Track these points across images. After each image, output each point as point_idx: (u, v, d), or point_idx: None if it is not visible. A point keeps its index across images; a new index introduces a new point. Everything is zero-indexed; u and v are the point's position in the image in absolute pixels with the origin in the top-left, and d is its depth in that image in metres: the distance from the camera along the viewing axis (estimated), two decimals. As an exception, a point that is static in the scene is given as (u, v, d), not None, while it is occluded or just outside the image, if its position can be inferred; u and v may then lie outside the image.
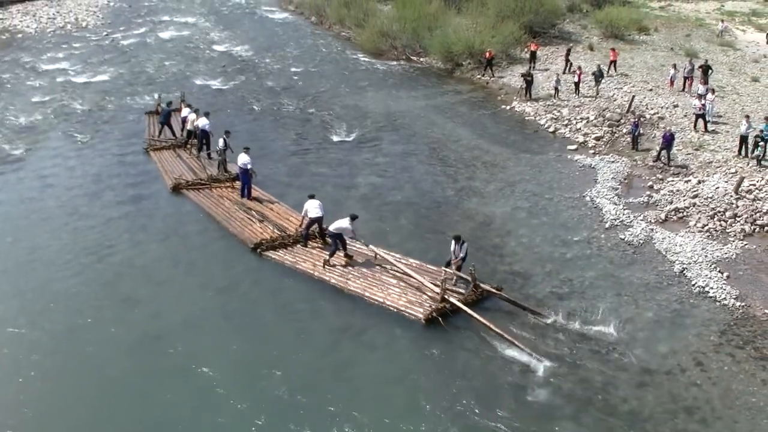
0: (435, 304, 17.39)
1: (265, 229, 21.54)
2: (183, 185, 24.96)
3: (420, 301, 17.65)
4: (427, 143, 30.23)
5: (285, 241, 20.77)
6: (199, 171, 26.30)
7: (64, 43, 51.62)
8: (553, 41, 46.50)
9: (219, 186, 25.09)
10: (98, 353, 16.07)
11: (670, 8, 57.91)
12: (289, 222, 21.96)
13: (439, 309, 17.16)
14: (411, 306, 17.47)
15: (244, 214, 22.62)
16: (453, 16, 48.28)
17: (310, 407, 14.25)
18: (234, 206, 23.29)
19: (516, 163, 27.74)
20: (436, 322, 16.93)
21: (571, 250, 20.72)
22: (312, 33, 57.46)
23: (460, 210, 23.52)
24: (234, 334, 16.74)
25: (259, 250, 20.34)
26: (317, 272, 19.18)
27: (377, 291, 18.24)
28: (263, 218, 22.30)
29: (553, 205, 23.81)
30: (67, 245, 21.09)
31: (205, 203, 23.69)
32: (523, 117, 33.65)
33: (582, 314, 17.43)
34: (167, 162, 27.38)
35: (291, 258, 19.98)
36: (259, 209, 23.08)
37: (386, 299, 17.85)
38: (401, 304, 17.58)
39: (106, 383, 15.09)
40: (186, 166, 26.98)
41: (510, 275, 19.33)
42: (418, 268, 19.05)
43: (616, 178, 25.71)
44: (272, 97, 37.54)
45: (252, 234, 21.20)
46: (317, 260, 19.66)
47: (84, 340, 16.56)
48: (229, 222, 22.17)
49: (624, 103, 32.90)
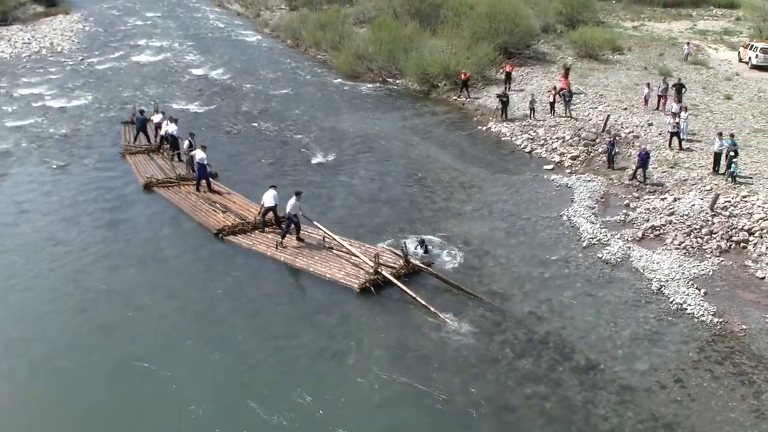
0: (369, 276, 19.69)
1: (228, 218, 24.16)
2: (154, 183, 27.39)
3: (357, 274, 20.03)
4: (405, 164, 30.35)
5: (244, 227, 23.40)
6: (169, 171, 28.63)
7: (39, 68, 51.35)
8: (528, 62, 46.96)
9: (187, 183, 27.39)
10: (76, 381, 15.89)
11: (643, 28, 58.87)
12: (249, 212, 24.63)
13: (372, 280, 19.51)
14: (348, 278, 19.92)
15: (209, 206, 25.22)
16: (428, 38, 48.71)
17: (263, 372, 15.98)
18: (200, 200, 25.84)
19: (493, 183, 27.91)
20: (369, 291, 19.26)
21: (549, 270, 20.82)
22: (288, 56, 57.67)
23: (438, 231, 23.55)
24: (194, 306, 19.00)
25: (221, 235, 22.90)
26: (270, 251, 21.77)
27: (321, 266, 20.75)
28: (226, 209, 24.96)
29: (530, 225, 23.94)
30: (43, 271, 20.86)
31: (174, 198, 26.22)
32: (500, 137, 33.90)
33: (560, 333, 17.52)
34: (140, 164, 29.74)
35: (248, 241, 22.63)
36: (222, 202, 25.73)
37: (327, 272, 20.34)
38: (340, 277, 20.03)
39: (84, 412, 14.88)
40: (157, 166, 29.42)
41: (488, 295, 19.35)
42: (359, 248, 21.30)
43: (592, 197, 25.93)
44: (249, 121, 37.55)
45: (216, 222, 23.77)
46: (271, 243, 22.22)
47: (61, 368, 16.34)
48: (195, 213, 24.73)
49: (599, 122, 33.25)
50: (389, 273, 19.74)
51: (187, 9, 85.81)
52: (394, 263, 20.45)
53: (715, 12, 68.37)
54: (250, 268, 21.11)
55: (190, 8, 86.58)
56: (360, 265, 20.41)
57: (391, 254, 20.95)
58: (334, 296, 19.44)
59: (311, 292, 20.00)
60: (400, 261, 20.34)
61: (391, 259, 20.76)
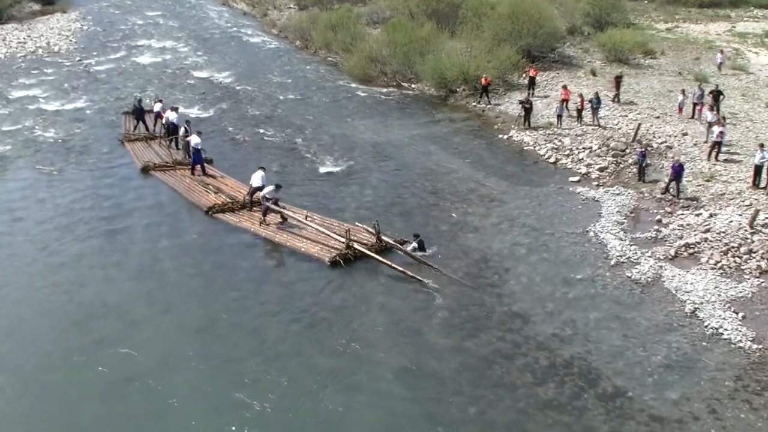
0: (340, 250, 22.70)
1: (219, 198, 27.41)
2: (150, 167, 30.61)
3: (329, 249, 23.04)
4: (420, 175, 30.36)
5: (233, 206, 26.73)
6: (166, 157, 32.18)
7: (35, 69, 51.80)
8: (553, 66, 46.85)
9: (183, 168, 30.72)
10: (68, 399, 15.96)
11: (677, 30, 58.42)
12: (240, 193, 27.93)
13: (343, 254, 22.48)
14: (321, 252, 23.00)
15: (202, 188, 28.49)
16: (446, 39, 48.66)
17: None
18: (194, 182, 29.15)
19: (514, 196, 27.88)
20: (339, 264, 22.14)
21: (574, 289, 20.75)
22: (297, 58, 57.88)
23: (454, 246, 23.56)
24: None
25: (211, 213, 26.27)
26: (254, 228, 25.12)
27: (298, 242, 23.97)
28: (218, 190, 28.14)
29: (554, 241, 23.88)
30: (36, 283, 21.06)
31: (169, 181, 29.60)
32: (522, 147, 33.87)
33: (586, 358, 17.43)
34: (139, 150, 33.22)
35: (235, 218, 26.02)
36: (215, 184, 28.99)
37: (302, 247, 23.56)
38: (314, 251, 23.14)
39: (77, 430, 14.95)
40: (154, 152, 32.88)
41: (508, 316, 19.32)
42: (338, 226, 24.31)
43: (621, 211, 25.83)
44: (255, 126, 37.71)
45: (207, 202, 27.08)
46: (256, 220, 25.58)
47: (53, 385, 16.43)
48: (189, 194, 28.05)
49: (629, 131, 33.14)
50: (363, 247, 22.78)
51: (190, 7, 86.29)
52: (367, 241, 23.34)
53: (756, 13, 67.71)
54: (235, 243, 24.37)
55: (193, 7, 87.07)
56: (334, 241, 23.37)
57: (365, 232, 23.84)
58: (306, 268, 22.42)
59: (286, 264, 23.06)
60: (372, 239, 23.25)
61: (365, 237, 23.64)
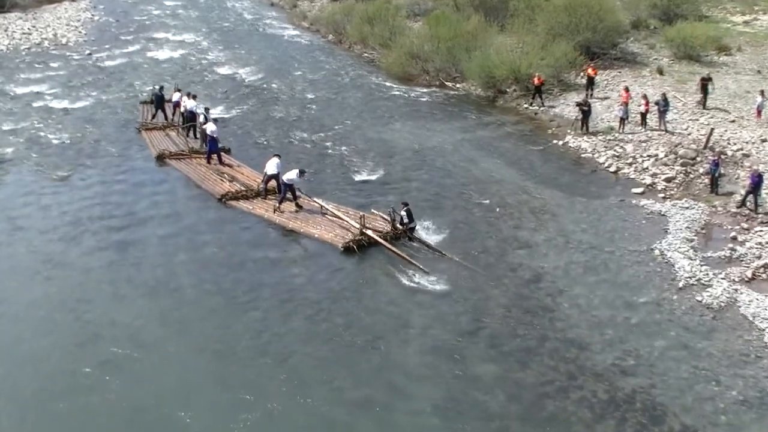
0: (354, 236, 24.86)
1: (233, 186, 29.58)
2: (166, 155, 33.07)
3: (344, 235, 25.18)
4: (464, 184, 30.36)
5: (247, 194, 28.92)
6: (183, 146, 34.17)
7: (40, 63, 52.68)
8: (615, 64, 46.63)
9: (199, 156, 32.99)
10: (71, 427, 16.11)
11: (756, 23, 57.64)
12: (256, 182, 29.83)
13: (356, 240, 24.61)
14: (335, 238, 25.08)
15: (217, 176, 30.67)
16: (495, 34, 48.73)
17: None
18: (209, 171, 31.36)
19: (570, 209, 27.77)
20: (352, 250, 24.24)
21: (637, 314, 20.58)
22: (329, 54, 58.25)
23: (503, 263, 23.50)
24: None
25: (224, 200, 28.42)
26: (267, 215, 27.24)
27: (312, 228, 26.06)
28: (233, 179, 30.37)
29: (614, 260, 23.73)
30: (38, 299, 21.26)
31: (184, 169, 31.92)
32: (579, 154, 33.74)
33: (650, 392, 17.25)
34: (156, 139, 35.58)
35: (249, 205, 28.22)
36: (231, 173, 31.20)
37: (316, 233, 25.69)
38: (328, 237, 25.26)
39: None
40: (171, 141, 35.23)
41: (562, 343, 19.19)
42: (354, 215, 26.20)
43: (691, 227, 25.61)
44: (282, 129, 38.04)
45: (221, 189, 29.23)
46: (270, 207, 27.64)
47: (55, 412, 16.57)
48: (203, 182, 30.26)
49: (701, 137, 32.87)
50: (376, 234, 24.83)
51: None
52: (382, 229, 25.47)
53: None
54: (247, 228, 26.62)
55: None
56: (349, 228, 25.59)
57: (381, 220, 26.09)
58: (319, 252, 24.74)
59: (299, 248, 25.30)
60: (387, 227, 25.48)
61: (381, 225, 25.85)
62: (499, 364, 18.35)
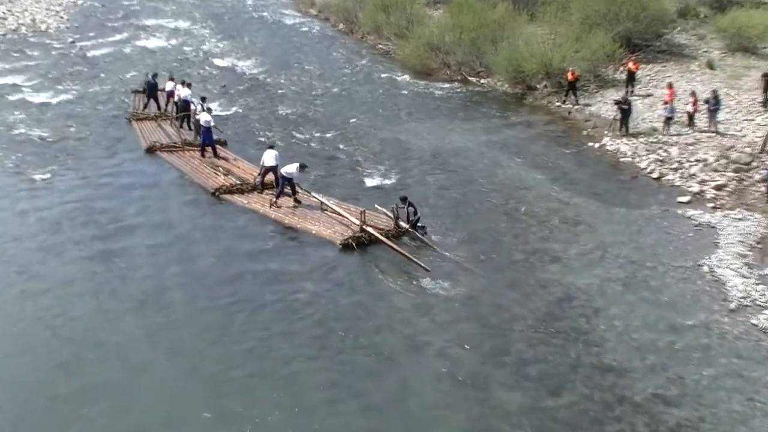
0: (353, 233, 25.71)
1: (228, 180, 30.59)
2: (157, 147, 34.20)
3: (342, 232, 26.07)
4: (489, 191, 30.40)
5: (242, 188, 29.87)
6: (175, 137, 35.52)
7: (17, 51, 53.07)
8: (659, 57, 46.59)
9: (192, 149, 34.17)
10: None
11: (823, 11, 57.67)
12: (251, 175, 30.91)
13: (355, 237, 25.48)
14: (334, 235, 25.98)
15: (211, 170, 31.76)
16: (524, 24, 48.81)
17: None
18: (203, 164, 32.46)
19: (607, 219, 27.74)
20: (351, 248, 25.09)
21: (683, 338, 20.46)
22: (339, 44, 58.51)
23: (531, 279, 23.45)
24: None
25: (218, 194, 29.40)
26: (263, 210, 28.15)
27: (310, 224, 27.03)
28: (228, 172, 31.44)
29: (657, 277, 23.65)
30: (12, 314, 21.24)
31: (176, 162, 32.95)
32: (617, 158, 33.73)
33: (698, 426, 17.14)
34: (147, 130, 36.83)
35: (244, 200, 29.13)
36: (225, 166, 32.31)
37: (314, 230, 26.61)
38: (326, 234, 26.17)
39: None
40: (163, 132, 36.58)
41: (598, 369, 19.08)
42: (354, 212, 26.85)
43: (744, 241, 25.55)
44: (287, 128, 38.18)
45: (215, 183, 30.20)
46: (266, 202, 28.54)
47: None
48: (195, 175, 31.30)
49: (756, 139, 32.82)
50: (377, 231, 25.62)
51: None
52: (384, 226, 26.36)
53: None
54: (241, 227, 27.25)
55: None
56: (348, 225, 26.44)
57: (384, 217, 26.83)
58: (316, 250, 25.38)
59: (296, 244, 26.13)
60: (390, 223, 26.35)
61: (383, 222, 26.71)
62: (527, 391, 18.22)
